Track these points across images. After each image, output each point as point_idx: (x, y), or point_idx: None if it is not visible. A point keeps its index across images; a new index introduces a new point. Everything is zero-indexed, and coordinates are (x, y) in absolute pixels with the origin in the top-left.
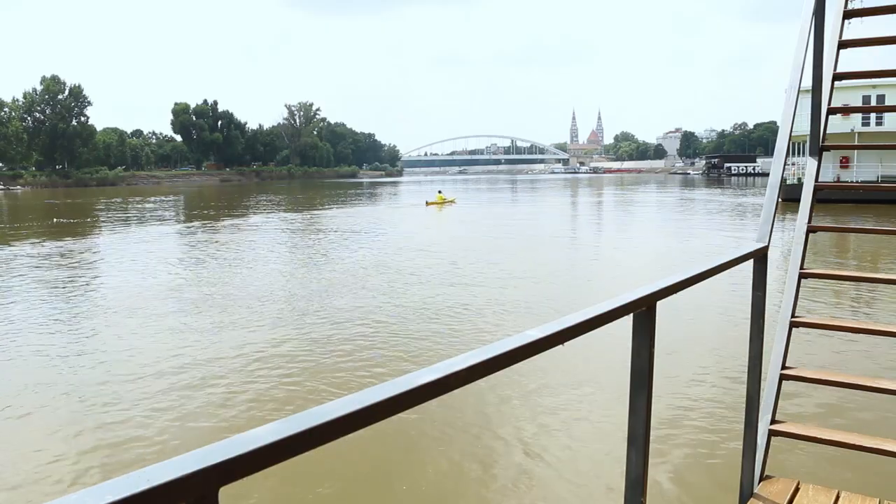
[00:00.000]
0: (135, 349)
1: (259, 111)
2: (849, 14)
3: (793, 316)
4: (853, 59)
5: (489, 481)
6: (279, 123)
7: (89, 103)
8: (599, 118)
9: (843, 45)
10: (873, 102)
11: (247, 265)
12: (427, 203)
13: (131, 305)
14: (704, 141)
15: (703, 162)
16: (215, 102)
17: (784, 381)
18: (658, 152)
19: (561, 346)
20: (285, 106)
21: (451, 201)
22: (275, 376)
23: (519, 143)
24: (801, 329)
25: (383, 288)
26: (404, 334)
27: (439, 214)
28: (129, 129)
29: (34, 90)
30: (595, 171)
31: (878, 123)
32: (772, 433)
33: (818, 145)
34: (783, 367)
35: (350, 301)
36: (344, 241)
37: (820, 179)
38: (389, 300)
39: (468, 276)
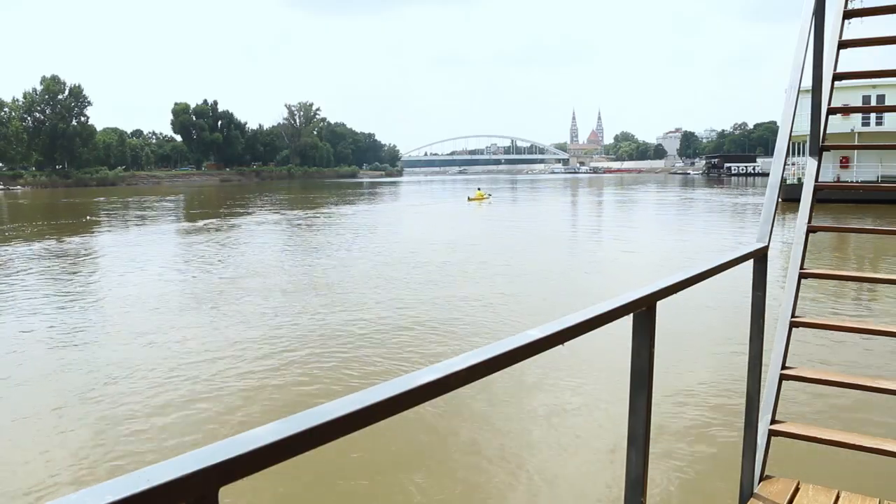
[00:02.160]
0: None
1: (259, 111)
2: (849, 14)
3: (793, 316)
4: (853, 59)
5: (488, 480)
6: (279, 123)
7: (89, 103)
8: (599, 118)
9: (843, 45)
10: (873, 102)
11: (291, 257)
12: (469, 199)
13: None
14: (704, 141)
15: (703, 162)
16: (215, 102)
17: (784, 381)
18: (658, 152)
19: (561, 346)
20: (285, 106)
21: (488, 197)
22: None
23: (519, 143)
24: (801, 329)
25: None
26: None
27: (481, 211)
28: (129, 129)
29: (34, 90)
30: (595, 171)
31: (878, 123)
32: (772, 433)
33: (818, 145)
34: (783, 367)
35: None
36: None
37: (820, 179)
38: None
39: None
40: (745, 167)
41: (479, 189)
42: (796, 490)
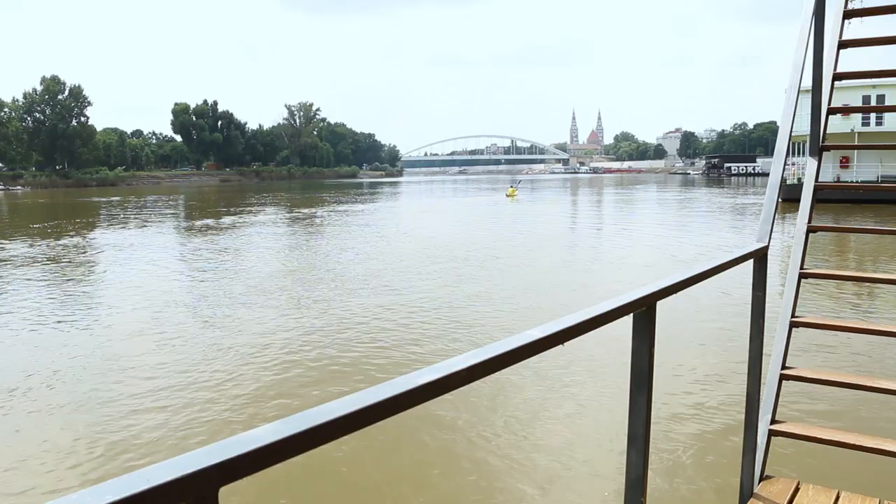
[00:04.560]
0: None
1: (259, 111)
2: (849, 14)
3: (793, 316)
4: (853, 59)
5: (486, 480)
6: (279, 123)
7: (89, 103)
8: (599, 118)
9: (843, 45)
10: (873, 102)
11: (329, 249)
12: (506, 195)
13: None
14: (704, 141)
15: (703, 162)
16: (215, 103)
17: (784, 381)
18: (658, 152)
19: (561, 346)
20: (285, 106)
21: (517, 194)
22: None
23: (519, 144)
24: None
25: None
26: None
27: (499, 209)
28: (129, 129)
29: (34, 90)
30: (595, 171)
31: (878, 123)
32: (772, 433)
33: (818, 145)
34: (783, 367)
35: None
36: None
37: (820, 179)
38: None
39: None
40: (745, 167)
41: (511, 187)
42: (796, 490)
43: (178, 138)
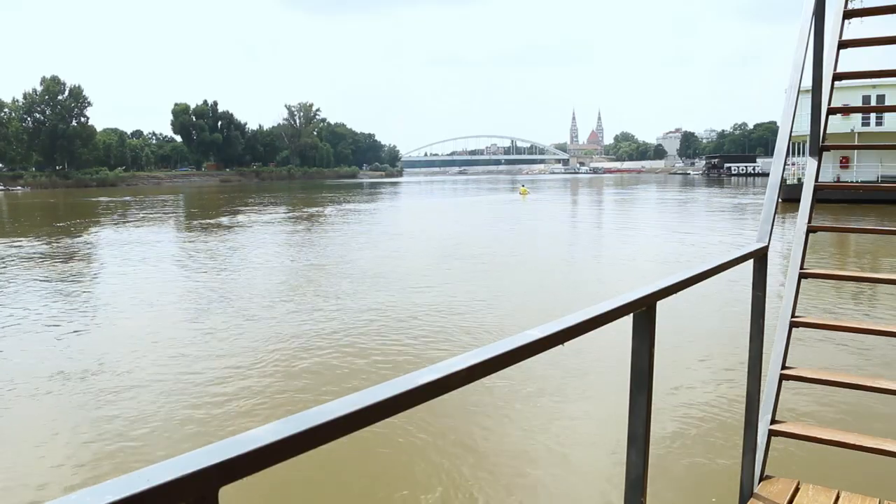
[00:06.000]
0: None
1: (259, 111)
2: (849, 14)
3: (793, 316)
4: (853, 59)
5: (486, 480)
6: (279, 124)
7: (89, 104)
8: (599, 118)
9: (843, 45)
10: (873, 102)
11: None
12: (520, 192)
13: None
14: (704, 141)
15: (703, 162)
16: (215, 103)
17: (784, 381)
18: (658, 152)
19: (561, 346)
20: (285, 106)
21: (528, 193)
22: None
23: (519, 144)
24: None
25: None
26: None
27: (529, 204)
28: (129, 129)
29: (34, 90)
30: (595, 171)
31: (878, 123)
32: (772, 433)
33: (818, 145)
34: (783, 367)
35: None
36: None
37: (820, 179)
38: None
39: None
40: (745, 167)
41: (522, 186)
42: (796, 490)
43: (178, 138)
